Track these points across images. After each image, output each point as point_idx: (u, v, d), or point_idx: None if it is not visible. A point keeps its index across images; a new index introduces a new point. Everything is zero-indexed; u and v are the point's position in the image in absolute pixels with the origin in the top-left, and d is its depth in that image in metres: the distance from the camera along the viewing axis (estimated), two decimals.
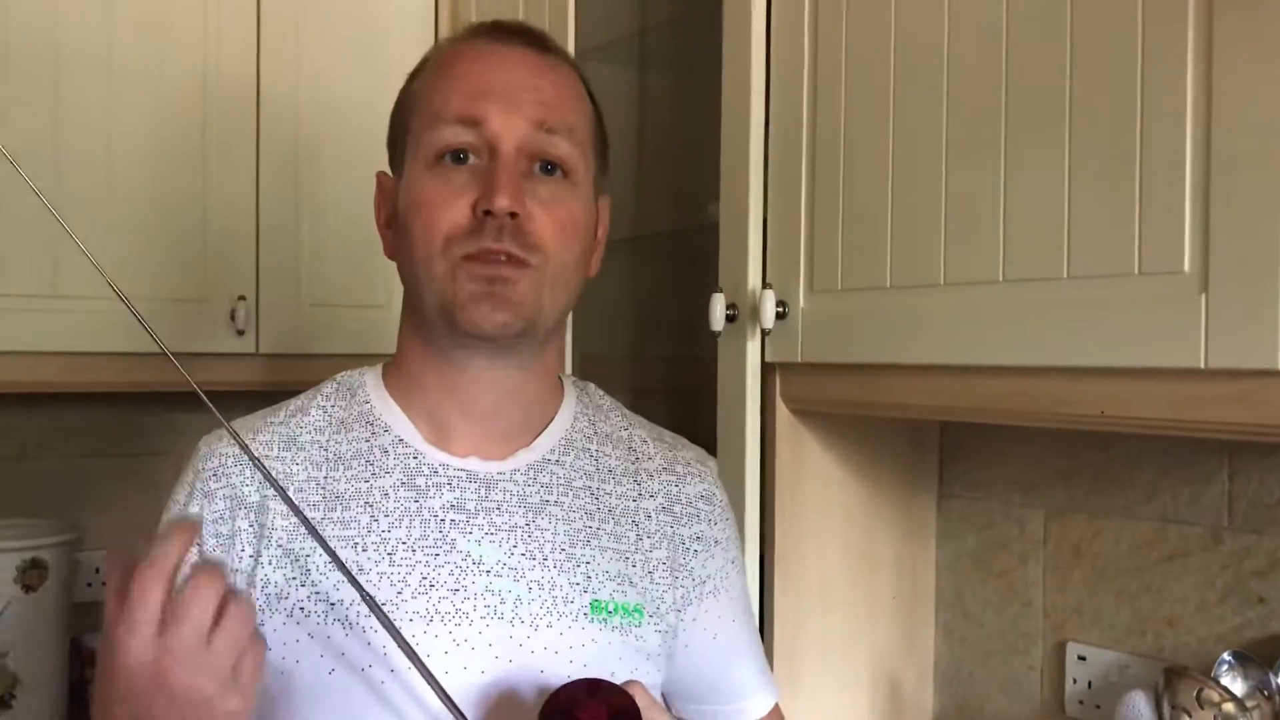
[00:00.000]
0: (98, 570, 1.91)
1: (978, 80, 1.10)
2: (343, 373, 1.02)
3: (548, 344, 0.99)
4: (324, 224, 1.87)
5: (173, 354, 0.84)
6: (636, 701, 0.78)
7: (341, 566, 0.83)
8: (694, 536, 1.01)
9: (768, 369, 1.34)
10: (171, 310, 1.74)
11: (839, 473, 1.41)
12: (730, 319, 1.33)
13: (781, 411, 1.35)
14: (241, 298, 1.80)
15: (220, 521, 0.92)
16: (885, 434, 1.45)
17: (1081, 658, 1.34)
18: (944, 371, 1.14)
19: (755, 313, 1.30)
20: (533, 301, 0.91)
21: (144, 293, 1.69)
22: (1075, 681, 1.35)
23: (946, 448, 1.51)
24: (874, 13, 1.20)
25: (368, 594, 0.82)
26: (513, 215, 0.89)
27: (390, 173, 1.00)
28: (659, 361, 1.83)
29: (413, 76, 1.00)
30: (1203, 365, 0.92)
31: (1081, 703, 1.34)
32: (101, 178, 1.71)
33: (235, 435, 0.86)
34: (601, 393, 1.08)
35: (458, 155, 0.92)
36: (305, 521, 0.83)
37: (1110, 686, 1.31)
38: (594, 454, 1.00)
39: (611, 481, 0.99)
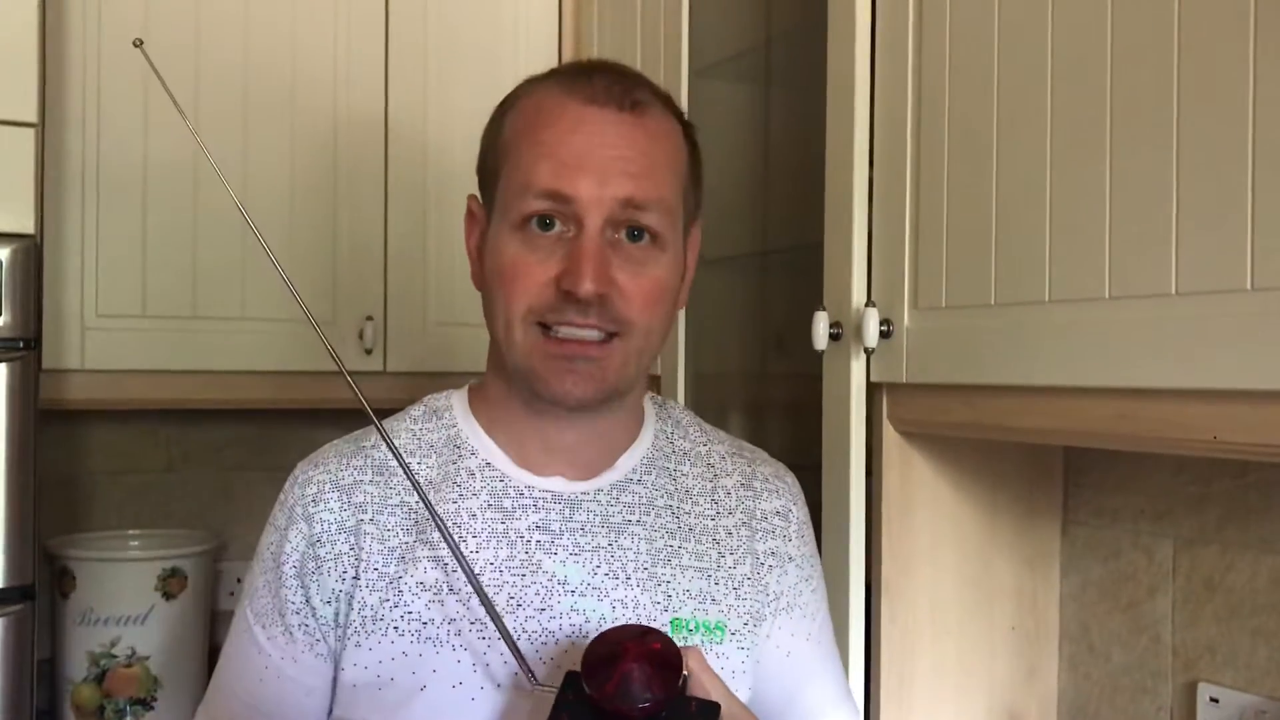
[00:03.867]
0: (239, 580, 2.00)
1: (1082, 91, 1.04)
2: (429, 395, 1.04)
3: (632, 390, 0.99)
4: (450, 246, 1.91)
5: (347, 372, 0.90)
6: (689, 662, 0.78)
7: (473, 581, 0.85)
8: (769, 552, 1.01)
9: (874, 389, 1.30)
10: (301, 330, 1.81)
11: (952, 497, 1.36)
12: (834, 337, 1.30)
13: (889, 433, 1.31)
14: (369, 318, 1.86)
15: (319, 544, 0.94)
16: (1003, 457, 1.39)
17: (1214, 700, 1.25)
18: (1048, 393, 1.09)
19: (859, 331, 1.27)
20: (618, 371, 0.92)
21: (276, 314, 1.78)
22: None
23: (1071, 472, 1.44)
24: (978, 27, 1.16)
25: (486, 596, 0.84)
26: (599, 295, 0.89)
27: (480, 198, 1.01)
28: (780, 378, 1.80)
29: (503, 112, 0.98)
30: None
31: None
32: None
33: (390, 445, 0.89)
34: (681, 408, 1.08)
35: (544, 221, 0.91)
36: (441, 526, 0.85)
37: None
38: (673, 473, 1.01)
39: (690, 501, 0.99)
